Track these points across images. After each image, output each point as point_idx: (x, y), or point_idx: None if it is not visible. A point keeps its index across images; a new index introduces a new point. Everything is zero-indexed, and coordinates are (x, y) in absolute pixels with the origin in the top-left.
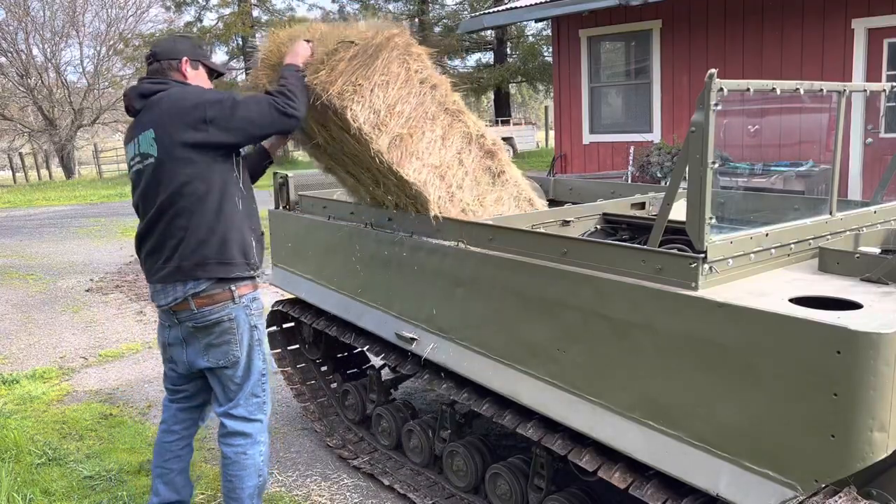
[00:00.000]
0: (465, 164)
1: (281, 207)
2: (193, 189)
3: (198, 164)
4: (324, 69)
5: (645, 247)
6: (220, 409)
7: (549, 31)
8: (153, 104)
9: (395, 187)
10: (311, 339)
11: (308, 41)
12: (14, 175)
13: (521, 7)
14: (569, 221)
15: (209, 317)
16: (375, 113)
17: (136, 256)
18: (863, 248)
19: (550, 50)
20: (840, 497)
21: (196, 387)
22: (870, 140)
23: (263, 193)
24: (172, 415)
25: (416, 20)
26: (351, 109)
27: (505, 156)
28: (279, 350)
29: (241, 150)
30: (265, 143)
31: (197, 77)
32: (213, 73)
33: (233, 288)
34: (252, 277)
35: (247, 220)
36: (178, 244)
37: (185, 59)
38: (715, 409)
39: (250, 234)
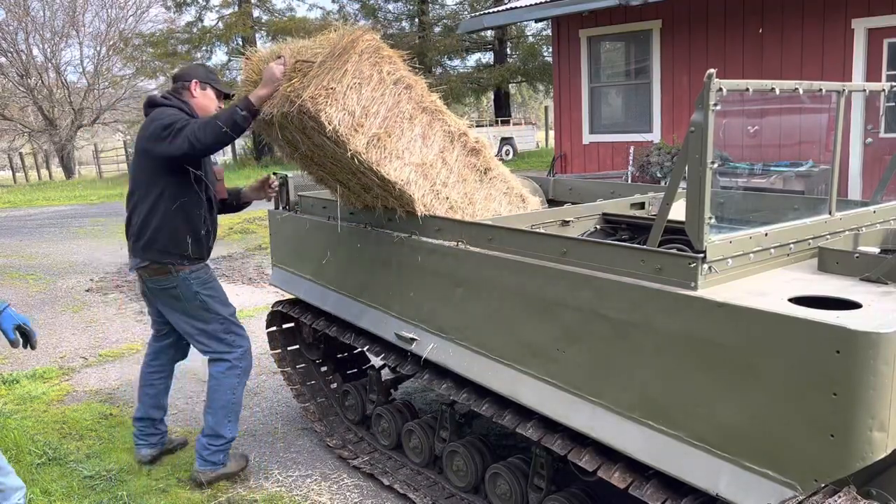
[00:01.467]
0: (449, 163)
1: (280, 208)
2: (144, 186)
3: (148, 167)
4: (296, 76)
5: (644, 247)
6: (200, 351)
7: (549, 31)
8: (149, 114)
9: (379, 189)
10: (310, 339)
11: (279, 57)
12: (14, 175)
13: (521, 7)
14: (568, 221)
15: (159, 284)
16: (350, 114)
17: None
18: (862, 248)
19: (550, 50)
20: (840, 497)
21: (170, 326)
22: (869, 140)
23: None
24: (153, 351)
25: (416, 20)
26: (325, 112)
27: (489, 153)
28: (279, 350)
29: (190, 160)
30: (243, 192)
31: (204, 97)
32: (222, 95)
33: (171, 265)
34: (187, 258)
35: (184, 219)
36: (133, 225)
37: (194, 81)
38: (714, 409)
39: (186, 231)
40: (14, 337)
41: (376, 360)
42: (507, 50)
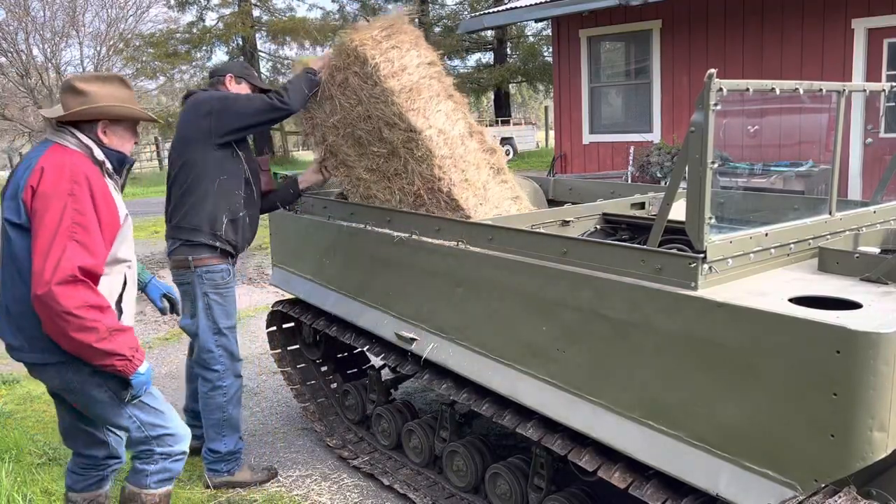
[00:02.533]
0: (469, 147)
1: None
2: (184, 168)
3: (191, 147)
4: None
5: (644, 247)
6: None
7: (549, 31)
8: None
9: (404, 150)
10: (310, 339)
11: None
12: None
13: (521, 7)
14: (568, 221)
15: (178, 278)
16: (390, 62)
17: None
18: (862, 248)
19: (550, 50)
20: (840, 497)
21: None
22: (869, 140)
23: None
24: (191, 346)
25: (416, 20)
26: (369, 52)
27: (503, 155)
28: (279, 350)
29: (236, 138)
30: (301, 180)
31: (239, 90)
32: (256, 89)
33: (191, 258)
34: (214, 248)
35: (222, 196)
36: (170, 208)
37: (229, 75)
38: (714, 409)
39: (224, 210)
40: (162, 305)
41: (376, 360)
42: (507, 50)
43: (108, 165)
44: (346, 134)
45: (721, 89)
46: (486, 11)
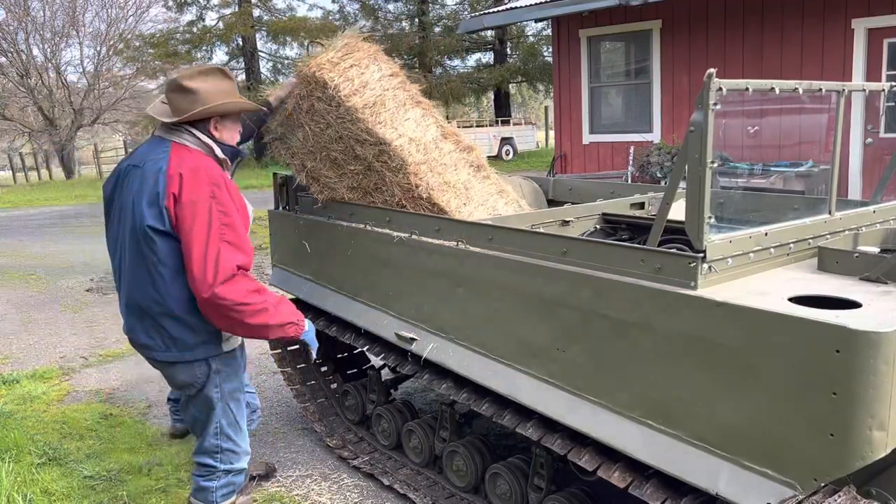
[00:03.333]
0: (444, 151)
1: (281, 208)
2: None
3: None
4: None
5: (644, 246)
6: None
7: (549, 31)
8: None
9: (379, 164)
10: None
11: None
12: (14, 175)
13: (521, 7)
14: (568, 221)
15: None
16: (349, 81)
17: None
18: (862, 248)
19: (550, 50)
20: (839, 496)
21: None
22: (869, 140)
23: (264, 193)
24: None
25: (417, 20)
26: (328, 76)
27: (481, 153)
28: (279, 350)
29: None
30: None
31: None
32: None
33: None
34: None
35: None
36: None
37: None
38: (714, 409)
39: None
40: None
41: (376, 360)
42: (507, 50)
43: (229, 162)
44: (323, 157)
45: (721, 89)
46: (486, 11)
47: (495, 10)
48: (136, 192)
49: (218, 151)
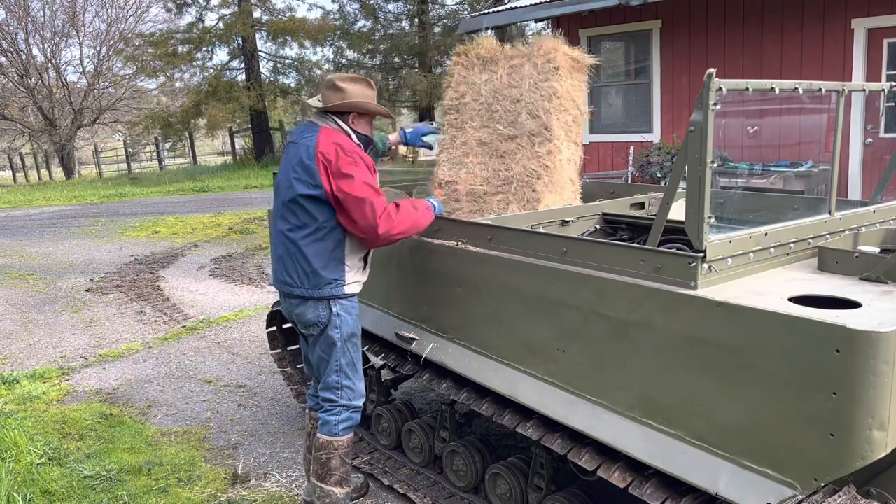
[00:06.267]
0: (566, 158)
1: None
2: None
3: None
4: None
5: (644, 246)
6: None
7: (549, 31)
8: None
9: (526, 143)
10: None
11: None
12: (14, 175)
13: (521, 7)
14: (568, 221)
15: None
16: (564, 77)
17: (135, 256)
18: (862, 248)
19: None
20: (839, 496)
21: None
22: (869, 140)
23: (263, 193)
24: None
25: (417, 20)
26: (561, 60)
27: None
28: (279, 350)
29: None
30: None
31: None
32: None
33: None
34: None
35: None
36: None
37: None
38: (714, 409)
39: None
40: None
41: (376, 360)
42: None
43: (362, 147)
44: (484, 103)
45: (720, 89)
46: (486, 11)
47: (495, 10)
48: (293, 158)
49: (353, 137)
